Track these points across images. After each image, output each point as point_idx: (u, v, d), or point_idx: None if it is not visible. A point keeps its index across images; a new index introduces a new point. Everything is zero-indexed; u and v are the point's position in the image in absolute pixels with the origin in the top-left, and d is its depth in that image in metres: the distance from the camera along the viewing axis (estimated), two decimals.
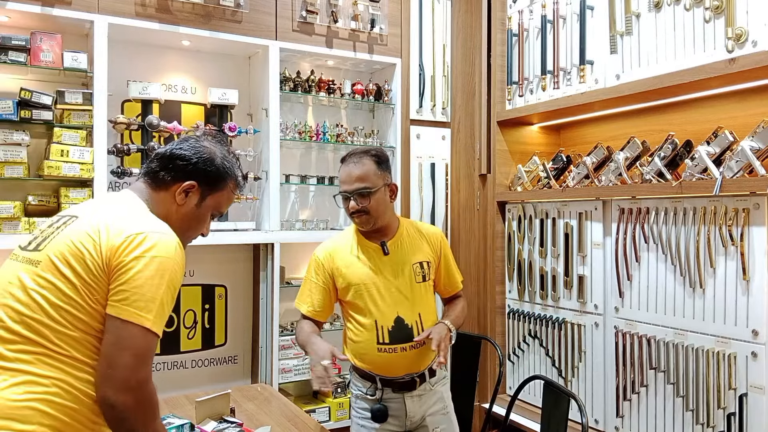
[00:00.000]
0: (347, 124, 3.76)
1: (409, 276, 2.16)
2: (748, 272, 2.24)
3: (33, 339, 1.24)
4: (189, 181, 1.49)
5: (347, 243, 2.22)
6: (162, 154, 1.51)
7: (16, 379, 1.22)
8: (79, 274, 1.26)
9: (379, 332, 2.12)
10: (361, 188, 2.10)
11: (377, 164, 2.14)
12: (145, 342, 1.25)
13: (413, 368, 2.14)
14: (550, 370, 3.08)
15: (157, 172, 1.49)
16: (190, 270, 3.40)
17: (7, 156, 2.74)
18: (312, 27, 3.44)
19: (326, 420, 3.45)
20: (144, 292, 1.26)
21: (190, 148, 1.51)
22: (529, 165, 3.31)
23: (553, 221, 3.09)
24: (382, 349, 2.11)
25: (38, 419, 1.21)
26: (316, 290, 2.19)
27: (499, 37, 3.43)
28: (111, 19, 2.91)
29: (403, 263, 2.17)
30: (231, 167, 1.56)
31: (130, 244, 1.28)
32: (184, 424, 2.02)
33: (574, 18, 2.97)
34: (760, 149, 2.24)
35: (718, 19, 2.32)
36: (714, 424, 2.34)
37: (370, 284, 2.14)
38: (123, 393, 1.22)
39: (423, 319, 2.15)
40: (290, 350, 3.41)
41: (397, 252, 2.18)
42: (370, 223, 2.13)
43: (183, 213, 1.50)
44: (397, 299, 2.13)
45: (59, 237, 1.32)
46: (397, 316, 2.12)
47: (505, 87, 3.42)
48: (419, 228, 2.29)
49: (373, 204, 2.10)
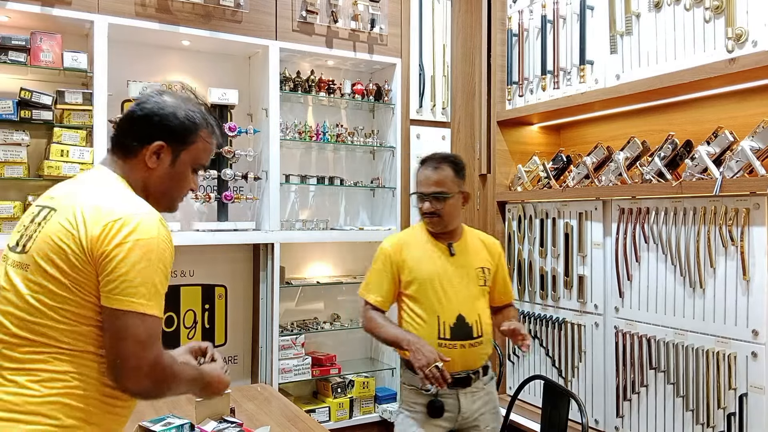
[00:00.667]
0: (347, 124, 3.76)
1: (473, 279, 2.28)
2: (748, 272, 2.24)
3: (42, 341, 1.24)
4: (156, 142, 1.39)
5: (416, 239, 2.33)
6: (125, 120, 1.43)
7: (35, 377, 1.23)
8: (66, 272, 1.24)
9: (440, 327, 2.21)
10: (437, 192, 2.22)
11: (455, 172, 2.26)
12: (145, 326, 1.23)
13: (469, 365, 2.22)
14: (550, 370, 3.08)
15: (122, 140, 1.42)
16: (190, 270, 3.41)
17: (7, 156, 2.74)
18: (312, 27, 3.44)
19: (326, 420, 3.45)
20: (132, 278, 1.23)
21: (150, 108, 1.41)
22: (529, 165, 3.31)
23: (553, 221, 3.09)
24: (443, 344, 2.19)
25: (65, 412, 1.23)
26: (384, 280, 2.29)
27: (499, 37, 3.43)
28: (111, 19, 2.91)
29: (468, 266, 2.28)
30: (199, 117, 1.45)
31: (109, 232, 1.24)
32: (184, 424, 2.02)
33: (574, 18, 2.97)
34: (760, 149, 2.24)
35: (718, 19, 2.32)
36: (714, 424, 2.34)
37: (436, 281, 2.23)
38: (139, 380, 1.23)
39: (482, 320, 2.25)
40: (290, 350, 3.41)
41: (463, 255, 2.30)
42: (440, 225, 2.26)
43: (159, 175, 1.42)
44: (461, 298, 2.24)
45: (41, 236, 1.29)
46: (459, 314, 2.22)
47: (505, 87, 3.41)
48: (480, 237, 2.41)
49: (447, 209, 2.23)
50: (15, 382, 1.23)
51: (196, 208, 3.41)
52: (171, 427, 1.98)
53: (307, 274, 3.73)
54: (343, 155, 3.86)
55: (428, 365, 2.02)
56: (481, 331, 2.23)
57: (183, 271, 3.38)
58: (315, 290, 3.70)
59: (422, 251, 2.29)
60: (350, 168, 3.87)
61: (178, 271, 3.37)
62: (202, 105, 1.50)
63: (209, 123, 1.48)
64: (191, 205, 3.39)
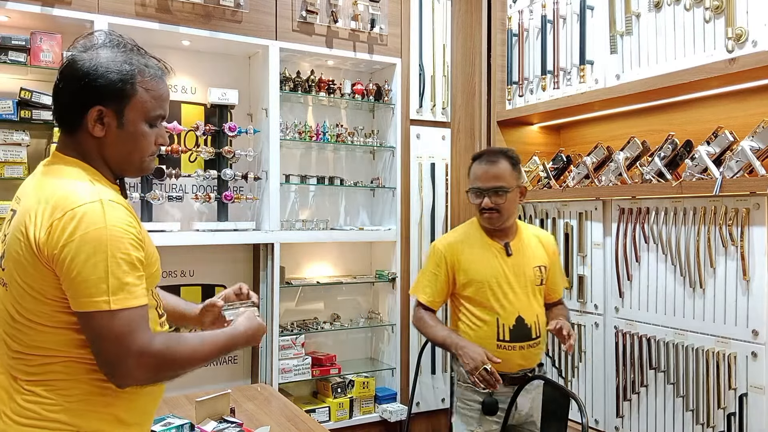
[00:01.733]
0: (347, 124, 3.76)
1: (530, 278, 2.25)
2: (748, 272, 2.24)
3: (45, 354, 1.22)
4: (93, 108, 1.25)
5: (470, 238, 2.30)
6: (54, 94, 1.29)
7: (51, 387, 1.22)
8: (30, 284, 1.19)
9: (500, 329, 2.20)
10: (497, 186, 2.18)
11: (512, 165, 2.22)
12: (117, 322, 1.15)
13: (527, 364, 2.25)
14: (550, 370, 3.08)
15: (61, 116, 1.29)
16: (190, 270, 3.40)
17: (7, 156, 2.74)
18: (312, 27, 3.44)
19: (326, 420, 3.45)
20: (86, 276, 1.14)
21: (73, 72, 1.25)
22: (529, 165, 3.30)
23: (553, 221, 3.09)
24: (502, 345, 2.19)
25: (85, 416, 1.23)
26: (436, 280, 2.28)
27: (499, 37, 3.43)
28: (111, 19, 2.91)
29: (525, 265, 2.25)
30: (128, 64, 1.27)
31: (54, 232, 1.15)
32: (184, 424, 2.02)
33: (574, 18, 2.97)
34: (760, 149, 2.24)
35: (718, 19, 2.32)
36: (714, 424, 2.34)
37: (494, 283, 2.21)
38: (130, 374, 1.18)
39: (539, 320, 2.25)
40: (290, 350, 3.41)
41: (520, 254, 2.26)
42: (499, 221, 2.22)
43: (111, 142, 1.28)
44: (520, 300, 2.22)
45: (7, 250, 1.23)
46: (518, 316, 2.21)
47: (505, 87, 3.41)
48: (536, 233, 2.38)
49: (506, 203, 2.19)
50: (33, 392, 1.22)
51: (196, 208, 3.41)
52: (171, 427, 1.99)
53: (307, 274, 3.73)
54: (343, 155, 3.86)
55: (476, 369, 2.04)
56: (539, 332, 2.24)
57: (183, 271, 3.38)
58: (315, 290, 3.70)
59: (478, 252, 2.26)
60: (350, 168, 3.87)
61: (178, 271, 3.37)
62: (132, 48, 1.32)
63: (147, 66, 1.31)
64: (191, 205, 3.39)
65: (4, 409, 1.23)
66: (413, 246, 3.76)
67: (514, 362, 2.21)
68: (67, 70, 1.27)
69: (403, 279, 3.70)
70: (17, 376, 1.23)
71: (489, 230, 2.27)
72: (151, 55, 1.36)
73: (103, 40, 1.31)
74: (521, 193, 2.27)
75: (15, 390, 1.23)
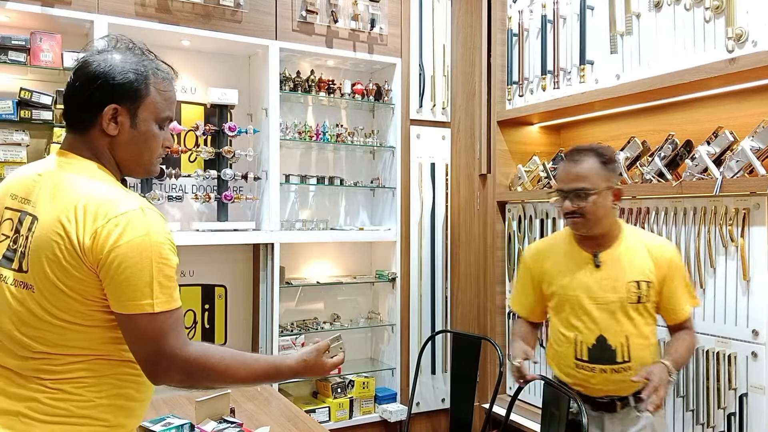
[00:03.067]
0: (347, 124, 3.76)
1: (622, 295, 1.97)
2: (749, 272, 2.24)
3: (72, 353, 1.24)
4: (108, 106, 1.29)
5: (557, 245, 2.12)
6: (68, 93, 1.32)
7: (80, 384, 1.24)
8: (70, 285, 1.21)
9: (578, 348, 2.01)
10: (578, 188, 1.95)
11: (602, 163, 1.97)
12: (158, 324, 1.22)
13: (615, 391, 2.00)
14: (550, 370, 3.08)
15: (73, 115, 1.32)
16: (190, 270, 3.40)
17: (7, 156, 2.74)
18: (312, 27, 3.44)
19: (326, 420, 3.45)
20: (134, 281, 1.20)
21: (88, 72, 1.29)
22: (529, 165, 3.31)
23: (553, 221, 3.09)
24: (580, 365, 2.01)
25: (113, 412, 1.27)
26: (524, 292, 2.18)
27: (499, 37, 3.43)
28: (111, 19, 2.91)
29: (616, 280, 1.98)
30: (142, 65, 1.33)
31: (98, 239, 1.19)
32: (184, 424, 2.02)
33: (574, 18, 2.97)
34: (760, 149, 2.24)
35: (718, 19, 2.32)
36: (714, 424, 2.34)
37: (574, 297, 2.01)
38: (170, 374, 1.25)
39: (630, 343, 1.97)
40: (290, 350, 3.41)
41: (612, 266, 1.99)
42: (584, 227, 1.98)
43: (124, 141, 1.32)
44: (604, 318, 1.98)
45: (33, 252, 1.23)
46: (599, 335, 1.98)
47: (505, 87, 3.41)
48: (647, 242, 2.04)
49: (590, 207, 1.94)
50: (61, 390, 1.23)
51: (196, 208, 3.41)
52: (171, 427, 1.99)
53: (307, 274, 3.73)
54: (343, 155, 3.86)
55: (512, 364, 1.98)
56: (628, 356, 1.96)
57: (183, 271, 3.38)
58: (315, 290, 3.70)
59: (562, 261, 2.06)
60: (350, 168, 3.87)
61: (178, 271, 3.37)
62: (144, 52, 1.37)
63: (158, 69, 1.36)
64: (191, 205, 3.39)
65: (19, 409, 1.23)
66: (413, 246, 3.76)
67: (597, 385, 2.00)
68: (82, 70, 1.31)
69: (403, 279, 3.71)
70: (40, 376, 1.24)
71: (580, 237, 2.04)
72: (160, 59, 1.41)
73: (115, 43, 1.35)
74: (614, 195, 1.99)
75: (35, 390, 1.23)
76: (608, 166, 1.98)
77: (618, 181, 2.02)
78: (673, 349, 1.97)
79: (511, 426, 3.00)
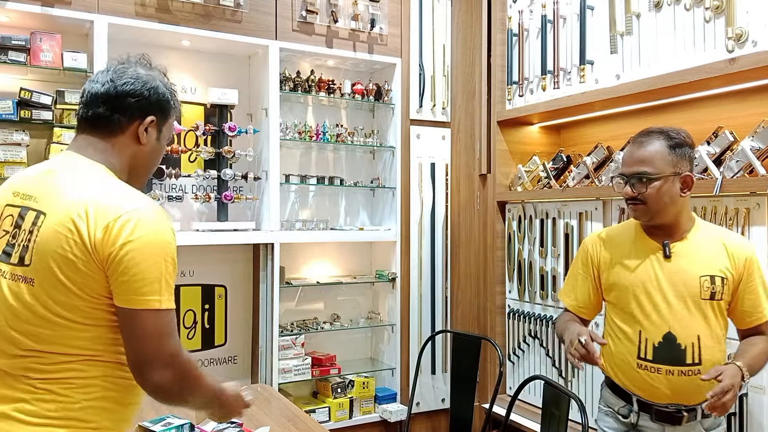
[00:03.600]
0: (347, 124, 3.76)
1: (694, 289, 1.80)
2: None
3: (64, 351, 1.24)
4: (149, 117, 1.37)
5: (625, 235, 1.94)
6: (107, 95, 1.35)
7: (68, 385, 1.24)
8: (74, 279, 1.22)
9: (641, 346, 1.82)
10: (639, 172, 1.79)
11: (670, 147, 1.80)
12: (162, 321, 1.24)
13: (681, 398, 1.80)
14: (550, 370, 3.08)
15: (108, 117, 1.34)
16: (190, 270, 3.40)
17: (7, 156, 2.74)
18: (312, 27, 3.44)
19: (326, 420, 3.45)
20: (144, 276, 1.22)
21: (135, 81, 1.36)
22: (529, 165, 3.31)
23: (553, 221, 3.09)
24: (643, 365, 1.81)
25: (100, 415, 1.26)
26: (580, 282, 1.99)
27: (499, 37, 3.43)
28: (111, 19, 2.91)
29: (688, 272, 1.81)
30: (172, 87, 1.46)
31: (112, 232, 1.21)
32: (184, 424, 2.02)
33: (574, 18, 2.97)
34: (760, 149, 2.24)
35: (718, 19, 2.32)
36: None
37: (641, 289, 1.83)
38: (161, 371, 1.24)
39: (702, 343, 1.78)
40: (290, 350, 3.41)
41: (683, 258, 1.82)
42: (646, 215, 1.82)
43: (147, 151, 1.40)
44: (673, 313, 1.80)
45: (39, 245, 1.24)
46: (668, 332, 1.79)
47: (505, 87, 3.41)
48: (724, 237, 1.87)
49: (652, 193, 1.77)
50: (49, 390, 1.23)
51: (196, 208, 3.41)
52: (171, 428, 1.99)
53: (307, 274, 3.73)
54: (343, 155, 3.86)
55: (572, 344, 1.74)
56: (698, 358, 1.77)
57: (183, 271, 3.38)
58: (315, 290, 3.70)
59: (628, 250, 1.89)
60: (350, 168, 3.87)
61: (178, 271, 3.37)
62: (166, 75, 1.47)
63: (174, 90, 1.48)
64: (191, 205, 3.39)
65: (5, 411, 1.22)
66: (413, 246, 3.76)
67: (660, 390, 1.79)
68: (127, 75, 1.37)
69: (403, 279, 3.71)
70: (29, 375, 1.23)
71: (648, 226, 1.87)
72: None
73: (145, 62, 1.45)
74: (683, 182, 1.80)
75: (24, 390, 1.23)
76: (678, 150, 1.80)
77: (690, 167, 1.83)
78: (747, 350, 1.80)
79: (511, 426, 3.00)
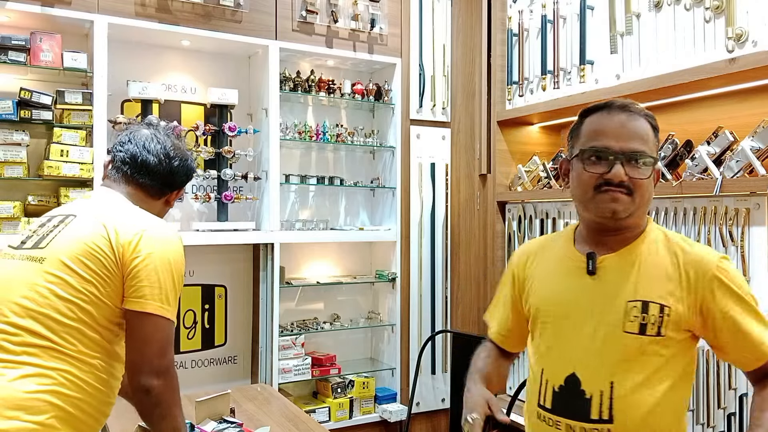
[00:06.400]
0: (347, 124, 3.76)
1: (616, 317, 1.32)
2: (749, 272, 2.23)
3: (40, 333, 1.27)
4: (182, 187, 1.67)
5: (551, 243, 1.53)
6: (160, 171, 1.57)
7: (25, 371, 1.25)
8: (93, 270, 1.33)
9: (541, 389, 1.39)
10: (637, 150, 1.31)
11: (653, 129, 1.38)
12: (168, 331, 1.37)
13: None
14: None
15: (158, 188, 1.58)
16: (190, 270, 3.40)
17: (7, 156, 2.74)
18: (312, 27, 3.44)
19: (326, 420, 3.45)
20: (161, 285, 1.36)
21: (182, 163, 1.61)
22: (529, 165, 3.31)
23: (553, 221, 3.09)
24: (542, 416, 1.38)
25: (47, 410, 1.25)
26: (501, 305, 1.59)
27: (499, 37, 3.43)
28: (111, 19, 2.91)
29: (614, 296, 1.33)
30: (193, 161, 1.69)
31: (140, 240, 1.37)
32: None
33: (574, 18, 2.97)
34: (760, 149, 2.24)
35: (719, 19, 2.32)
36: (714, 424, 2.33)
37: (551, 315, 1.41)
38: (155, 378, 1.33)
39: (616, 393, 1.29)
40: (290, 350, 3.41)
41: (612, 275, 1.35)
42: (627, 210, 1.32)
43: (163, 212, 1.64)
44: (582, 347, 1.34)
45: (64, 236, 1.37)
46: (571, 374, 1.33)
47: (505, 87, 3.41)
48: (684, 248, 1.36)
49: (644, 181, 1.32)
50: (4, 375, 1.24)
51: (196, 208, 3.41)
52: None
53: (307, 274, 3.73)
54: (343, 155, 3.86)
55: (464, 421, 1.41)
56: (608, 413, 1.28)
57: None
58: (315, 290, 3.70)
59: (552, 264, 1.46)
60: (350, 168, 3.87)
61: None
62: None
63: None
64: (191, 205, 3.39)
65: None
66: (413, 246, 3.76)
67: None
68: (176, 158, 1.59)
69: (403, 279, 3.71)
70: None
71: (596, 231, 1.39)
72: None
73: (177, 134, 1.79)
74: (656, 176, 1.40)
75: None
76: (657, 135, 1.40)
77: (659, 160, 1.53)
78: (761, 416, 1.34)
79: (511, 426, 3.00)
